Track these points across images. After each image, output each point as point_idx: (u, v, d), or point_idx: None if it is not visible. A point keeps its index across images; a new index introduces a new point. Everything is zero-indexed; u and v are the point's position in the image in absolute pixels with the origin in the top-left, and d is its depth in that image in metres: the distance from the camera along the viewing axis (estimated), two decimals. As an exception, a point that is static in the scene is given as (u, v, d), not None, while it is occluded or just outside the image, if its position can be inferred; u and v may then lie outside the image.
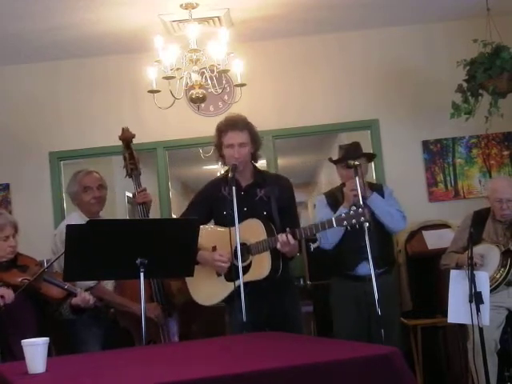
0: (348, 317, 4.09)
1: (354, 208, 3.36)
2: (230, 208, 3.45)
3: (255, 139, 3.74)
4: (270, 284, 3.57)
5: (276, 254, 3.55)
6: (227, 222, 3.50)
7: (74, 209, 4.28)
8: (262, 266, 3.56)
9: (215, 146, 3.82)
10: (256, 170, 3.83)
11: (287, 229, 3.48)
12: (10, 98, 5.70)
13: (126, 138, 4.18)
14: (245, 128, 3.69)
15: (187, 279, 3.76)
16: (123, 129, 4.21)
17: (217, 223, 3.79)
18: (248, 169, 3.78)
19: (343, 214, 3.38)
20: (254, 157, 3.80)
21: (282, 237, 3.46)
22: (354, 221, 3.33)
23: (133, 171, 4.17)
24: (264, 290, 3.57)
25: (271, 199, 3.69)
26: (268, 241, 3.53)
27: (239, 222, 3.44)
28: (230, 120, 3.73)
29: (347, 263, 4.09)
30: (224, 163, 3.81)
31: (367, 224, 3.37)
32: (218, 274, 3.68)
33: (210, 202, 3.79)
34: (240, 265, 3.32)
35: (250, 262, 3.58)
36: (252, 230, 3.58)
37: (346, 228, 3.76)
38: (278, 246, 3.47)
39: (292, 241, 3.46)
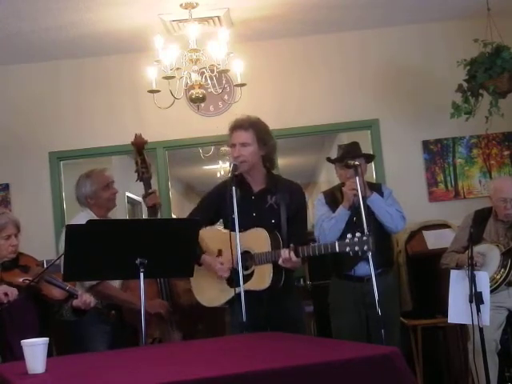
0: (346, 317, 4.08)
1: (359, 235, 3.34)
2: (240, 211, 3.43)
3: (264, 140, 3.66)
4: (271, 292, 3.56)
5: (278, 268, 3.52)
6: (232, 226, 3.44)
7: (76, 210, 4.25)
8: (263, 278, 3.54)
9: (229, 147, 3.77)
10: (269, 176, 3.76)
11: (291, 245, 3.44)
12: (10, 97, 5.70)
13: (139, 143, 4.21)
14: (250, 128, 3.64)
15: (192, 280, 3.76)
16: (136, 135, 4.23)
17: (225, 225, 3.75)
18: (260, 173, 3.72)
19: (347, 240, 3.34)
20: (268, 161, 3.74)
21: (284, 253, 3.43)
22: (356, 248, 3.30)
23: (143, 175, 4.20)
24: (265, 295, 3.55)
25: (281, 207, 3.64)
26: (271, 254, 3.51)
27: (247, 228, 3.48)
28: (237, 120, 3.70)
29: (346, 263, 4.08)
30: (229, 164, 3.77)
31: (369, 253, 3.36)
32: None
33: (218, 204, 3.73)
34: (241, 273, 3.31)
35: (253, 271, 3.57)
36: (258, 240, 3.55)
37: (346, 227, 3.77)
38: (280, 261, 3.44)
39: (294, 258, 3.41)
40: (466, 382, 4.71)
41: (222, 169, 9.61)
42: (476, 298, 3.79)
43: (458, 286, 3.99)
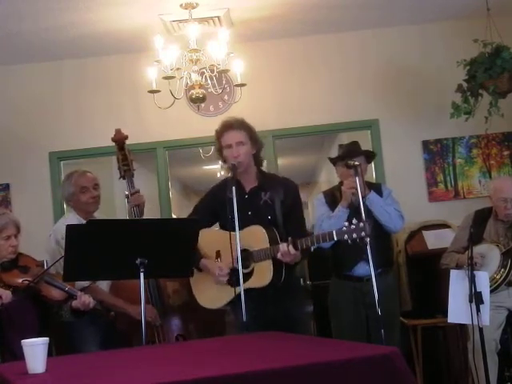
0: (346, 317, 4.09)
1: (356, 222, 3.33)
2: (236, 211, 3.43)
3: (254, 139, 3.71)
4: (274, 288, 3.56)
5: (278, 263, 3.52)
6: (232, 226, 3.44)
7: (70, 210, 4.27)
8: (263, 274, 3.54)
9: (217, 150, 3.80)
10: (260, 173, 3.79)
11: (289, 238, 3.45)
12: (11, 97, 5.70)
13: (119, 139, 4.14)
14: (241, 128, 3.68)
15: (192, 282, 3.77)
16: (116, 130, 4.18)
17: (222, 226, 3.76)
18: (251, 171, 3.75)
19: (345, 228, 3.35)
20: (257, 159, 3.77)
21: (283, 247, 3.43)
22: (354, 235, 3.29)
23: (126, 173, 4.14)
24: (268, 294, 3.56)
25: (275, 202, 3.66)
26: (270, 249, 3.51)
27: (244, 227, 3.45)
28: (226, 122, 3.73)
29: (345, 263, 4.09)
30: (228, 166, 3.77)
31: (368, 239, 3.35)
32: None
33: (215, 205, 3.74)
34: (241, 272, 3.31)
35: (253, 268, 3.57)
36: (255, 237, 3.55)
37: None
38: (279, 255, 3.44)
39: (293, 251, 3.41)
40: (465, 382, 4.71)
41: (221, 169, 9.61)
42: (476, 298, 3.79)
43: (457, 286, 3.99)
